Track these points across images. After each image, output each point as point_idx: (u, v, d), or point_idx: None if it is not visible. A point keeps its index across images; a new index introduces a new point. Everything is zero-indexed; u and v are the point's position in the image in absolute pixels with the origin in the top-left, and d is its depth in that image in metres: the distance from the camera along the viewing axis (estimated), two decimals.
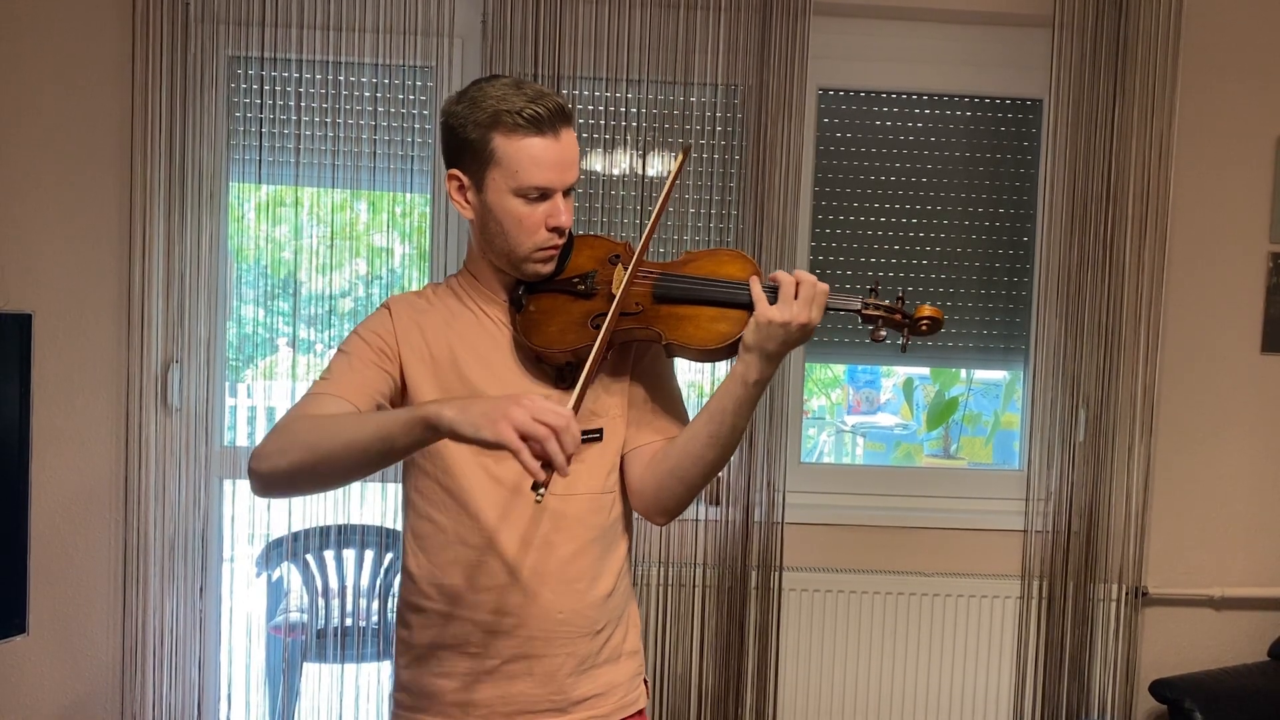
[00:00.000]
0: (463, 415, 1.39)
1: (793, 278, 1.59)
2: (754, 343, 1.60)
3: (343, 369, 1.65)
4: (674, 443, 1.70)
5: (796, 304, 1.58)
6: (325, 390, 1.61)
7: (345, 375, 1.64)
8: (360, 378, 1.63)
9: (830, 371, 4.01)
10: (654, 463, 1.71)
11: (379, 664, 3.21)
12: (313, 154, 3.02)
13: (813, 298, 1.58)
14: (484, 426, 1.36)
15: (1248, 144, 3.19)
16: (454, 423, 1.39)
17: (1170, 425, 3.19)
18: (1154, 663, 3.18)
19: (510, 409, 1.36)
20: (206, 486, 3.01)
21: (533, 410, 1.36)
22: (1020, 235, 3.26)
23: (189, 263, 2.96)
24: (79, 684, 3.02)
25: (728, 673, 3.07)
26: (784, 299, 1.58)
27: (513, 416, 1.36)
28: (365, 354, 1.66)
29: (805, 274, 1.60)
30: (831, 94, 3.22)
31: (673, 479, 1.68)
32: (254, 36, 2.96)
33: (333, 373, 1.65)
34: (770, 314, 1.58)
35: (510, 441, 1.35)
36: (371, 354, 1.66)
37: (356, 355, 1.66)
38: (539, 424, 1.35)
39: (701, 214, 3.08)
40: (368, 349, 1.67)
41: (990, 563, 3.18)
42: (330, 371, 1.65)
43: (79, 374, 2.98)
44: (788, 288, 1.59)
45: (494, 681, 1.67)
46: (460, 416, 1.39)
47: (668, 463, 1.69)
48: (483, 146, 1.61)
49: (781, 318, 1.57)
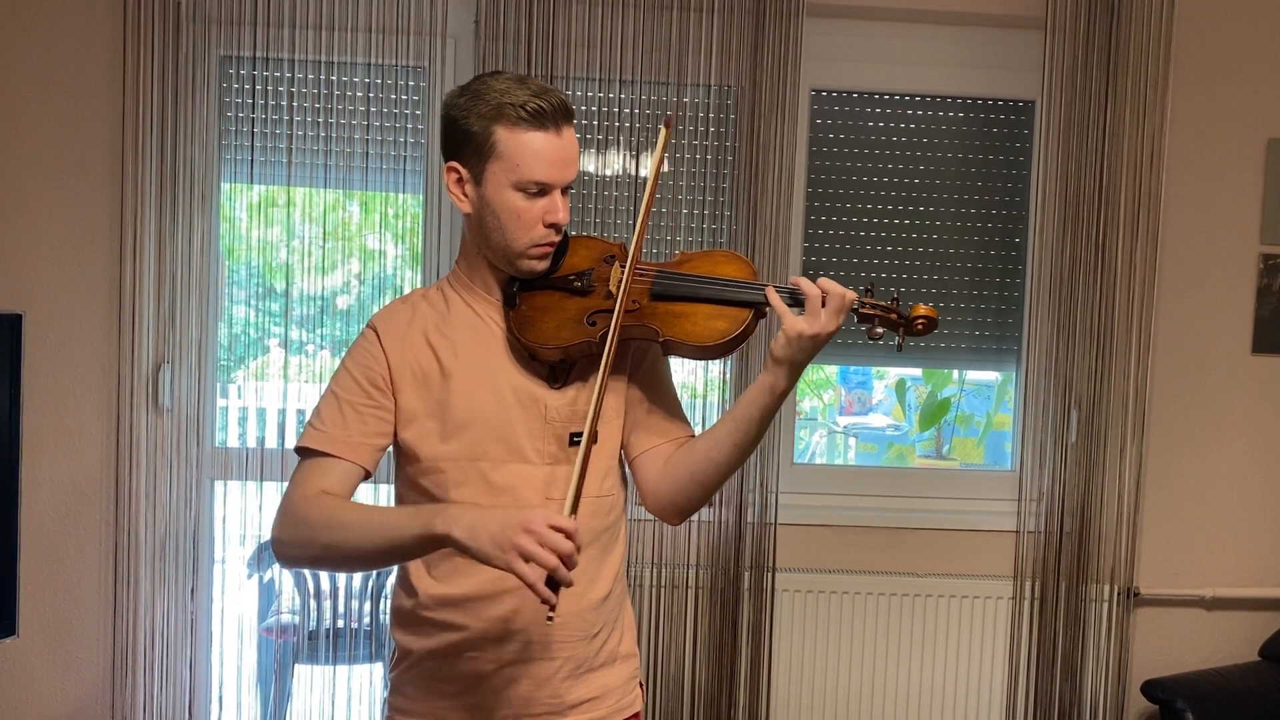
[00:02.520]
0: (472, 540, 1.43)
1: (819, 289, 1.58)
2: (785, 356, 1.59)
3: (335, 419, 1.64)
4: (693, 448, 1.70)
5: (825, 315, 1.57)
6: (321, 448, 1.63)
7: (339, 428, 1.64)
8: (355, 429, 1.64)
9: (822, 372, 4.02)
10: (670, 466, 1.71)
11: (370, 665, 3.20)
12: (305, 154, 3.01)
13: (841, 308, 1.58)
14: (494, 556, 1.42)
15: (1239, 146, 3.20)
16: (463, 545, 1.44)
17: (1162, 426, 3.20)
18: (1146, 663, 3.19)
19: (518, 539, 1.40)
20: (198, 487, 3.00)
21: (539, 537, 1.40)
22: (1012, 236, 3.27)
23: (180, 263, 2.95)
24: (70, 685, 3.00)
25: (721, 673, 3.07)
26: (811, 311, 1.58)
27: (521, 547, 1.40)
28: (356, 396, 1.66)
29: (830, 283, 1.58)
30: (824, 95, 3.22)
31: (692, 483, 1.69)
32: (245, 36, 2.95)
33: (326, 422, 1.65)
34: (800, 327, 1.57)
35: (523, 575, 1.40)
36: (362, 395, 1.66)
37: (348, 401, 1.65)
38: (547, 552, 1.40)
39: (694, 214, 3.08)
40: (358, 389, 1.66)
41: (982, 563, 3.19)
42: (323, 420, 1.65)
43: (70, 374, 2.96)
44: (815, 299, 1.58)
45: (491, 686, 1.67)
46: (470, 540, 1.43)
47: (688, 468, 1.69)
48: (484, 139, 1.60)
49: (812, 330, 1.57)
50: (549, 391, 1.68)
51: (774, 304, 1.61)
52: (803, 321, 1.57)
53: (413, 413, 1.66)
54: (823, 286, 1.58)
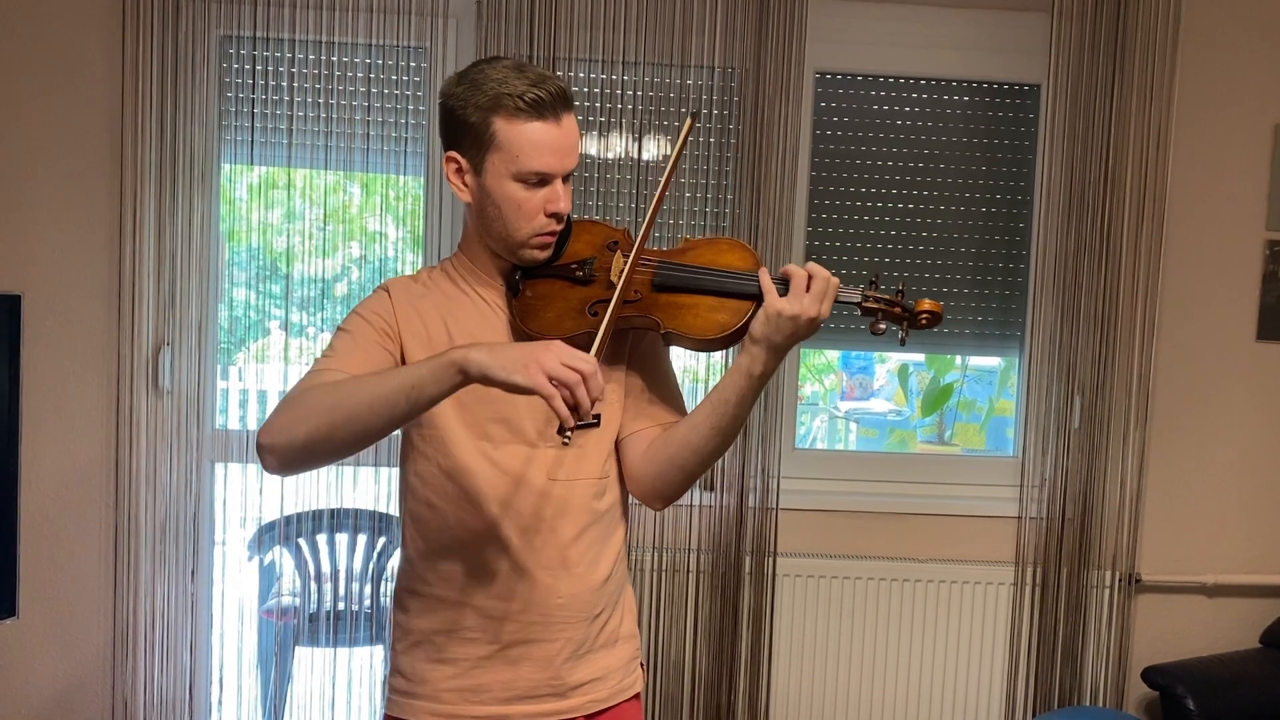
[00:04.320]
0: (494, 359, 1.41)
1: (804, 271, 1.58)
2: (761, 335, 1.58)
3: (347, 346, 1.62)
4: (674, 432, 1.69)
5: (808, 297, 1.57)
6: (331, 366, 1.59)
7: (351, 352, 1.61)
8: (366, 355, 1.61)
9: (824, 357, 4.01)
10: (651, 450, 1.70)
11: (371, 648, 3.21)
12: (305, 135, 2.99)
13: (825, 292, 1.57)
14: (516, 371, 1.40)
15: (1246, 131, 3.18)
16: (485, 366, 1.41)
17: (1165, 412, 3.20)
18: (1147, 649, 3.19)
19: (541, 355, 1.40)
20: (198, 469, 2.99)
21: (562, 356, 1.40)
22: (1017, 221, 3.25)
23: (180, 244, 2.93)
24: (70, 667, 3.01)
25: (721, 657, 3.07)
26: (795, 291, 1.57)
27: (543, 362, 1.39)
28: (368, 332, 1.64)
29: (818, 267, 1.58)
30: (829, 78, 3.20)
31: (672, 467, 1.68)
32: (245, 15, 2.92)
33: (336, 350, 1.62)
34: (780, 305, 1.57)
35: (543, 387, 1.38)
36: (374, 333, 1.64)
37: (359, 333, 1.64)
38: (569, 369, 1.39)
39: (698, 198, 3.06)
40: (370, 328, 1.65)
41: (984, 549, 3.18)
42: (334, 349, 1.63)
43: (69, 356, 2.96)
44: (799, 280, 1.57)
45: (492, 666, 1.67)
46: (491, 360, 1.41)
47: (667, 451, 1.68)
48: (483, 130, 1.59)
49: (791, 310, 1.56)
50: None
51: (762, 284, 1.60)
52: (784, 301, 1.57)
53: None
54: (809, 269, 1.58)
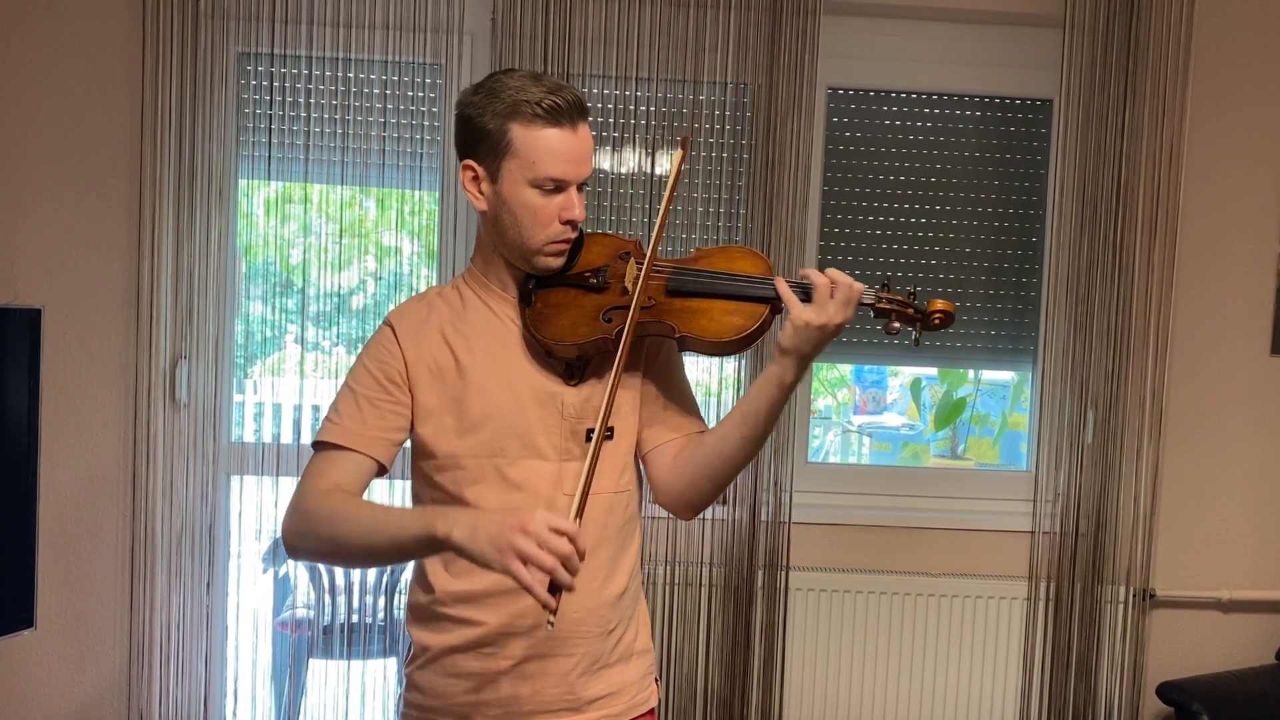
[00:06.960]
0: (471, 542, 1.41)
1: (827, 279, 1.59)
2: (791, 346, 1.59)
3: (351, 413, 1.65)
4: (703, 442, 1.70)
5: (833, 305, 1.58)
6: (336, 441, 1.63)
7: (356, 422, 1.64)
8: (371, 423, 1.64)
9: (837, 371, 4.01)
10: (680, 461, 1.71)
11: (385, 660, 3.21)
12: (322, 150, 3.02)
13: (849, 299, 1.58)
14: (492, 558, 1.40)
15: (1258, 145, 3.18)
16: (462, 548, 1.43)
17: (1179, 427, 3.19)
18: (1161, 665, 3.18)
19: (516, 540, 1.38)
20: (214, 482, 3.01)
21: (539, 539, 1.38)
22: (1029, 236, 3.25)
23: (198, 259, 2.96)
24: (86, 678, 3.02)
25: (734, 672, 3.07)
26: (819, 300, 1.58)
27: (519, 546, 1.37)
28: (373, 391, 1.66)
29: (839, 274, 1.59)
30: (841, 93, 3.21)
31: (702, 477, 1.69)
32: (264, 33, 2.96)
33: (342, 416, 1.65)
34: (807, 316, 1.57)
35: (520, 577, 1.38)
36: (379, 390, 1.66)
37: (364, 395, 1.66)
38: (546, 553, 1.37)
39: (710, 213, 3.07)
40: (375, 384, 1.66)
41: (997, 564, 3.18)
42: (340, 414, 1.65)
43: (88, 369, 2.98)
44: (823, 289, 1.58)
45: (507, 682, 1.67)
46: (469, 543, 1.42)
47: (696, 461, 1.69)
48: (500, 136, 1.60)
49: (819, 320, 1.57)
50: (565, 388, 1.68)
51: (782, 294, 1.61)
52: (810, 311, 1.57)
53: (429, 409, 1.66)
54: (831, 276, 1.59)
